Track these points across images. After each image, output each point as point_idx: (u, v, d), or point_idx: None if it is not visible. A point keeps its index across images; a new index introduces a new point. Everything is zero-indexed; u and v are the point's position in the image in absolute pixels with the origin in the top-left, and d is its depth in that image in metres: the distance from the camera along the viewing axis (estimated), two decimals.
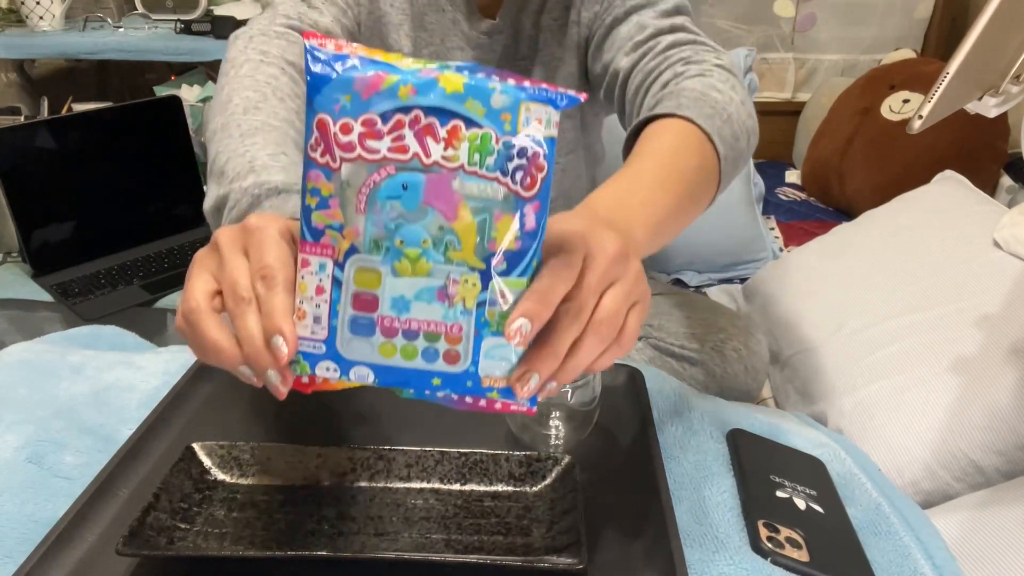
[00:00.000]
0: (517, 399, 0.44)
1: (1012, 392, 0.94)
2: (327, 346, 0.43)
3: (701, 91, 0.72)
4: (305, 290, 0.42)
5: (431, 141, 0.40)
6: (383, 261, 0.41)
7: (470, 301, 0.42)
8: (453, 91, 0.40)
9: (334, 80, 0.40)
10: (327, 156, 0.41)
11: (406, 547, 0.51)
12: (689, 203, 0.65)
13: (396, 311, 0.42)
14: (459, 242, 0.41)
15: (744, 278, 1.66)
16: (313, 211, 0.41)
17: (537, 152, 0.41)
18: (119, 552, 0.47)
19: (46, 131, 1.52)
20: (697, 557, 0.54)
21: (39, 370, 0.72)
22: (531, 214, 0.41)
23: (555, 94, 0.41)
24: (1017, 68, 0.68)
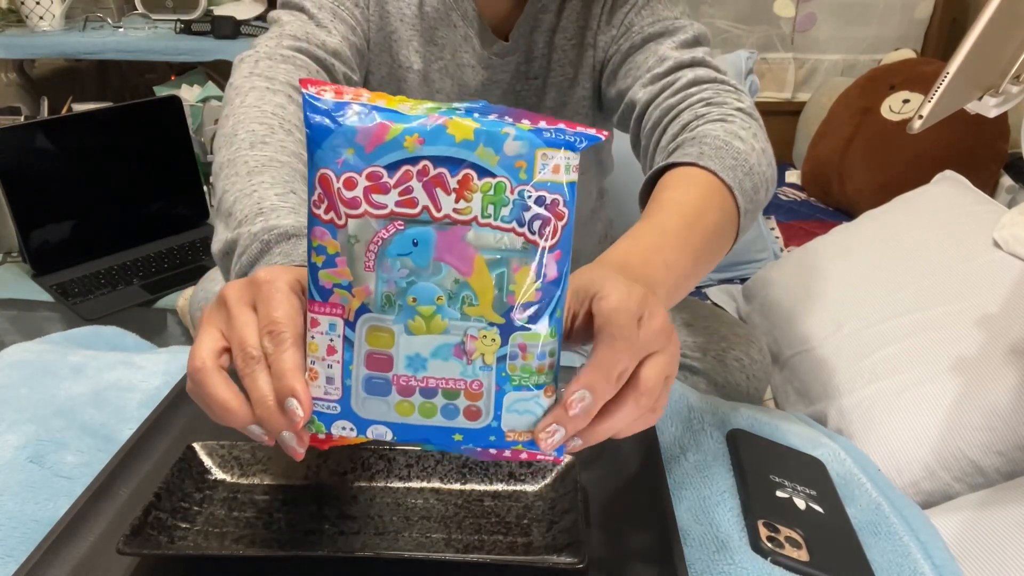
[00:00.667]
0: (540, 451, 0.42)
1: (1012, 392, 0.94)
2: (342, 406, 0.41)
3: (724, 139, 0.70)
4: (316, 350, 0.41)
5: (441, 193, 0.39)
6: (396, 320, 0.40)
7: (489, 357, 0.40)
8: (463, 139, 0.38)
9: (335, 132, 0.38)
10: (331, 213, 0.39)
11: (406, 546, 0.51)
12: (706, 264, 0.65)
13: (412, 370, 0.41)
14: (476, 297, 0.40)
15: (744, 278, 1.66)
16: (320, 270, 0.40)
17: (556, 200, 0.39)
18: (120, 551, 0.47)
19: (46, 131, 1.52)
20: (697, 557, 0.54)
21: (40, 370, 0.72)
22: (552, 263, 0.40)
23: (574, 136, 0.39)
24: (1017, 68, 0.68)
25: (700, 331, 1.00)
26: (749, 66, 1.86)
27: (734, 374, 0.97)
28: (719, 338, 0.99)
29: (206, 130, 1.91)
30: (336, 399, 0.41)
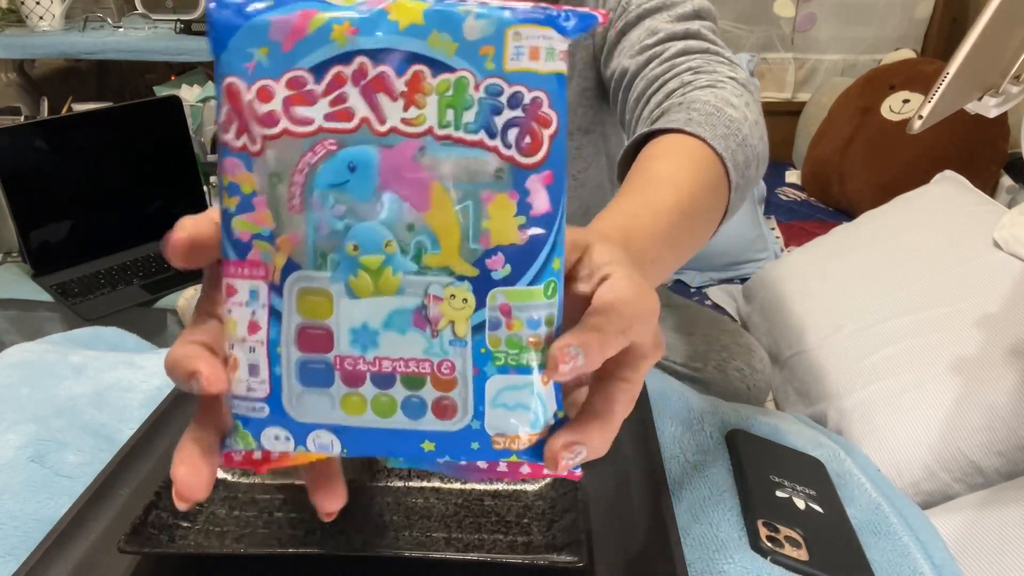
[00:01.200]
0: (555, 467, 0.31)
1: (1012, 393, 0.94)
2: (271, 406, 0.31)
3: (715, 105, 0.63)
4: (235, 328, 0.30)
5: (385, 99, 0.29)
6: (333, 277, 0.30)
7: (461, 326, 0.30)
8: (410, 24, 0.28)
9: (243, 28, 0.29)
10: (244, 137, 0.29)
11: (406, 546, 0.51)
12: (686, 257, 0.57)
13: (359, 347, 0.30)
14: (437, 240, 0.29)
15: (745, 278, 1.66)
16: (233, 216, 0.30)
17: (538, 98, 0.29)
18: (121, 550, 0.47)
19: (46, 131, 1.52)
20: (697, 557, 0.54)
21: (41, 370, 0.72)
22: (539, 189, 0.29)
23: (557, 12, 0.29)
24: (1017, 68, 0.68)
25: (701, 340, 1.00)
26: (750, 68, 1.86)
27: (735, 384, 0.96)
28: (720, 347, 0.99)
29: (206, 130, 1.91)
30: (263, 397, 0.31)
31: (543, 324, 0.30)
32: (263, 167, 0.29)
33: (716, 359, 0.97)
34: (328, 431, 0.31)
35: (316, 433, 0.31)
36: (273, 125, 0.29)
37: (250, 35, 0.29)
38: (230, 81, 0.29)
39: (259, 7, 0.29)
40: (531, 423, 0.31)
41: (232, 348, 0.31)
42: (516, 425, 0.31)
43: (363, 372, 0.30)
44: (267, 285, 0.30)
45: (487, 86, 0.29)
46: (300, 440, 0.31)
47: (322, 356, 0.30)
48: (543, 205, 0.29)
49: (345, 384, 0.30)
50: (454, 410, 0.30)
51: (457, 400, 0.30)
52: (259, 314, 0.30)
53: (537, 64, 0.29)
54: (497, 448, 0.31)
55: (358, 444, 0.31)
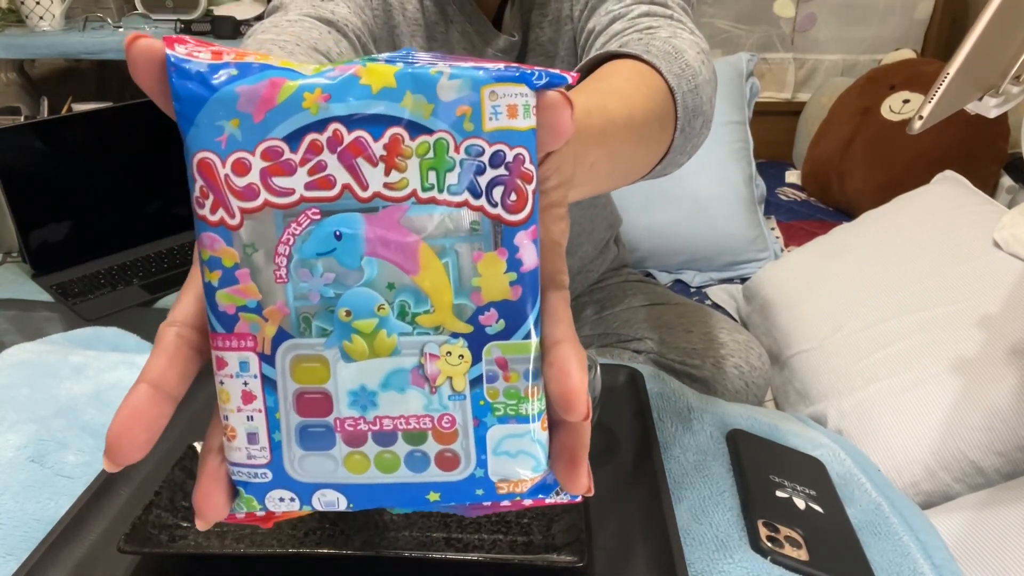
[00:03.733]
0: (552, 494, 0.33)
1: (1012, 393, 0.94)
2: (273, 471, 0.31)
3: (674, 46, 0.62)
4: (228, 400, 0.31)
5: (365, 164, 0.29)
6: (328, 344, 0.30)
7: (459, 381, 0.30)
8: (382, 87, 0.28)
9: (211, 100, 0.28)
10: (221, 211, 0.29)
11: (406, 546, 0.51)
12: (625, 174, 0.56)
13: (359, 409, 0.30)
14: (429, 301, 0.30)
15: (745, 278, 1.66)
16: (217, 290, 0.29)
17: (520, 155, 0.29)
18: (121, 550, 0.47)
19: (46, 131, 1.52)
20: (697, 556, 0.54)
21: (41, 370, 0.72)
22: (527, 245, 0.29)
23: (530, 71, 0.29)
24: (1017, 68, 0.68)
25: (699, 338, 1.00)
26: (750, 68, 1.86)
27: (733, 381, 0.96)
28: (718, 345, 0.99)
29: None
30: (265, 463, 0.31)
31: (539, 374, 0.31)
32: (243, 241, 0.29)
33: (714, 356, 0.97)
34: (333, 489, 0.31)
35: (321, 492, 0.31)
36: (254, 198, 0.29)
37: (219, 107, 0.28)
38: (203, 156, 0.28)
39: (223, 77, 0.28)
40: (533, 468, 0.31)
41: (227, 419, 0.31)
42: (519, 471, 0.31)
43: (364, 432, 0.31)
44: (257, 356, 0.30)
45: (467, 147, 0.29)
46: (305, 500, 0.31)
47: (322, 420, 0.30)
48: (531, 260, 0.30)
49: (347, 444, 0.31)
50: (457, 461, 0.31)
51: (459, 451, 0.31)
52: (251, 384, 0.30)
53: (515, 122, 0.29)
54: (501, 493, 0.32)
55: (364, 499, 0.32)
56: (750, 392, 0.98)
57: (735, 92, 1.83)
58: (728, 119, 1.80)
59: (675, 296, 1.18)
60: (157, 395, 0.31)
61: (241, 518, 0.32)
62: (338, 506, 0.32)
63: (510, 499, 0.32)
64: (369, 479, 0.31)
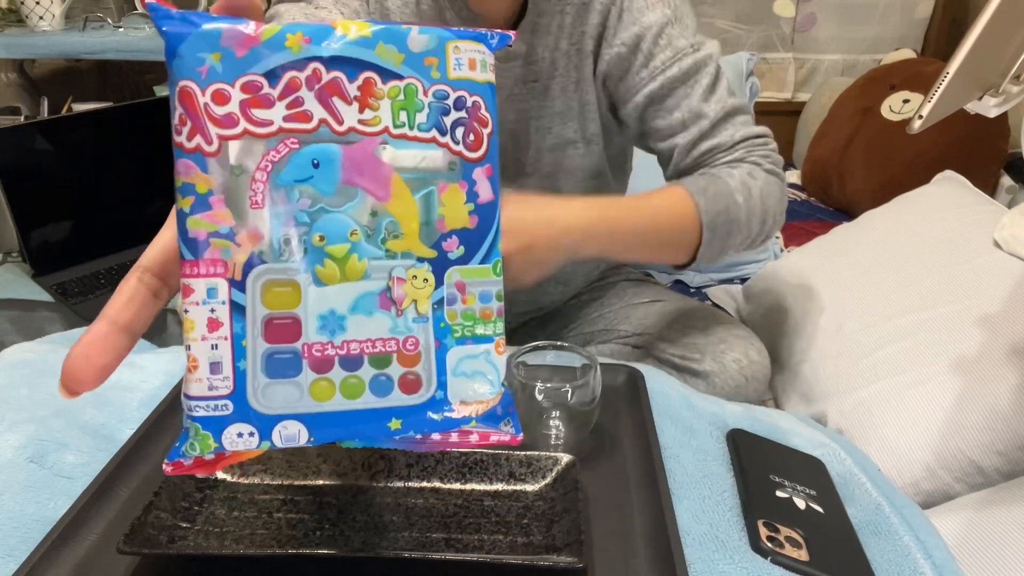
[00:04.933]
0: (500, 426, 0.34)
1: (1012, 392, 0.94)
2: (235, 402, 0.31)
3: (728, 185, 0.85)
4: (193, 328, 0.31)
5: (340, 102, 0.31)
6: (300, 268, 0.31)
7: (423, 303, 0.32)
8: (358, 36, 0.31)
9: (193, 35, 0.30)
10: (198, 137, 0.30)
11: (406, 546, 0.51)
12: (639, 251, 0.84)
13: (328, 333, 0.31)
14: (399, 226, 0.32)
15: (744, 278, 1.66)
16: (188, 216, 0.30)
17: (477, 102, 0.33)
18: (120, 550, 0.47)
19: (46, 131, 1.52)
20: (697, 557, 0.54)
21: (40, 370, 0.72)
22: (483, 180, 0.33)
23: (485, 32, 0.33)
24: (1017, 68, 0.68)
25: (699, 333, 1.00)
26: (750, 68, 1.86)
27: (734, 376, 0.96)
28: (718, 340, 0.99)
29: None
30: (226, 393, 0.31)
31: (493, 298, 0.34)
32: (220, 166, 0.30)
33: (713, 351, 0.98)
34: (296, 420, 0.31)
35: (283, 424, 0.31)
36: (233, 126, 0.30)
37: (201, 41, 0.30)
38: (183, 84, 0.30)
39: (206, 20, 0.30)
40: (488, 389, 0.34)
41: (190, 348, 0.31)
42: (475, 391, 0.33)
43: (332, 357, 0.31)
44: (227, 281, 0.31)
45: (435, 91, 0.32)
46: (265, 434, 0.31)
47: (290, 345, 0.31)
48: (487, 193, 0.33)
49: (314, 371, 0.31)
50: (419, 384, 0.33)
51: (422, 374, 0.33)
52: (219, 311, 0.31)
53: (475, 73, 0.33)
54: (458, 416, 0.33)
55: (325, 431, 0.32)
56: (750, 387, 0.98)
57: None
58: None
59: (674, 294, 1.18)
60: (112, 329, 0.32)
61: (188, 465, 0.32)
62: (298, 440, 0.32)
63: (466, 423, 0.33)
64: (333, 406, 0.32)
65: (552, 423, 0.64)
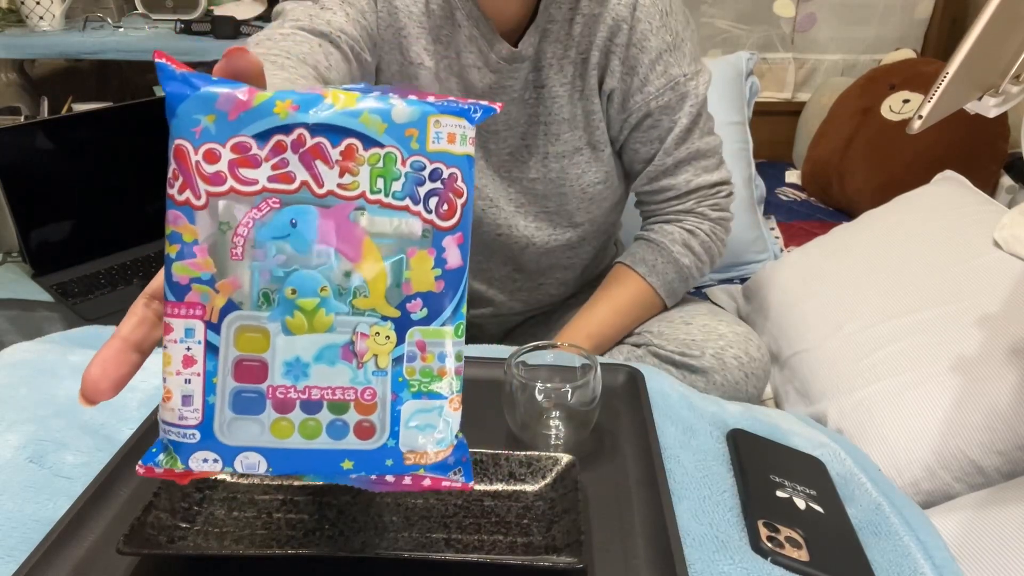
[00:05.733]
0: (450, 474, 0.37)
1: (1012, 392, 0.94)
2: (202, 432, 0.34)
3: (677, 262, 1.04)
4: (169, 363, 0.34)
5: (322, 166, 0.33)
6: (271, 317, 0.34)
7: (383, 358, 0.35)
8: (344, 106, 0.33)
9: (192, 97, 0.33)
10: (187, 192, 0.33)
11: (406, 546, 0.51)
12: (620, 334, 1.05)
13: (291, 378, 0.34)
14: (367, 287, 0.34)
15: (744, 278, 1.66)
16: (174, 262, 0.33)
17: (454, 174, 0.35)
18: (120, 551, 0.47)
19: (46, 131, 1.52)
20: (697, 557, 0.54)
21: (40, 370, 0.72)
22: (453, 248, 0.35)
23: (468, 106, 0.35)
24: (1017, 68, 0.68)
25: (698, 329, 1.00)
26: (749, 67, 1.86)
27: (733, 372, 0.97)
28: (717, 336, 0.99)
29: None
30: (195, 424, 0.34)
31: (451, 358, 0.36)
32: (206, 220, 0.33)
33: (713, 347, 0.98)
34: (256, 452, 0.35)
35: (244, 455, 0.35)
36: (221, 184, 0.33)
37: (198, 103, 0.33)
38: (178, 143, 0.33)
39: (208, 81, 0.33)
40: (438, 441, 0.36)
41: (165, 380, 0.34)
42: (425, 443, 0.36)
43: (294, 400, 0.35)
44: (204, 323, 0.34)
45: (412, 162, 0.34)
46: (228, 462, 0.35)
47: (256, 386, 0.34)
48: (456, 260, 0.35)
49: (276, 411, 0.35)
50: (373, 431, 0.35)
51: (376, 422, 0.35)
52: (194, 350, 0.34)
53: (453, 147, 0.35)
54: (408, 463, 0.36)
55: (283, 464, 0.35)
56: (750, 383, 0.98)
57: (734, 92, 1.83)
58: (727, 120, 1.80)
59: None
60: (125, 346, 0.36)
61: (159, 473, 0.36)
62: (258, 469, 0.35)
63: (415, 471, 0.36)
64: (291, 444, 0.35)
65: (552, 423, 0.64)
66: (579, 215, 1.05)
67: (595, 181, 1.02)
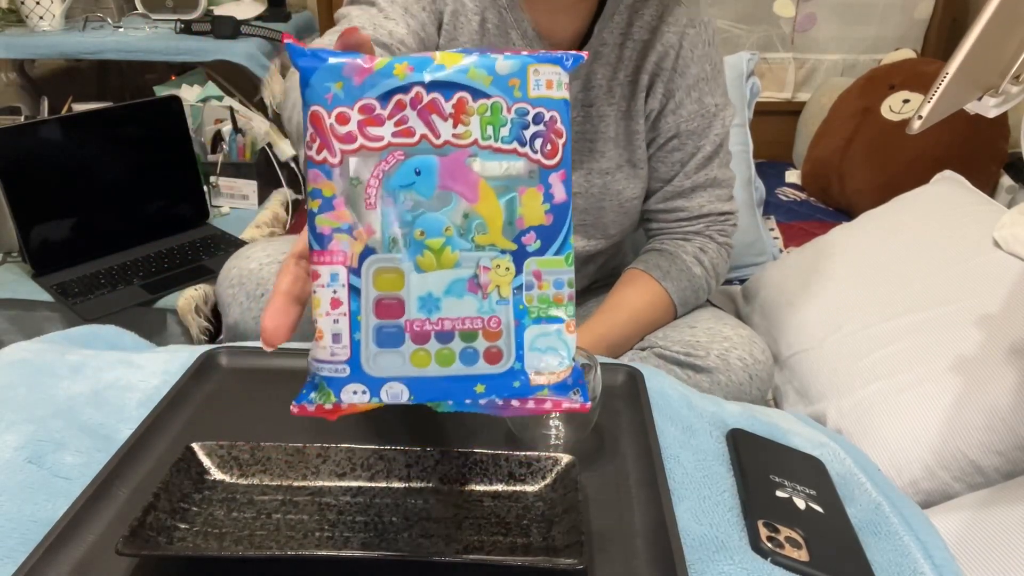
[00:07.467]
0: (569, 395, 0.40)
1: (1011, 392, 0.94)
2: (351, 366, 0.39)
3: (690, 272, 1.05)
4: (319, 305, 0.38)
5: (438, 119, 0.38)
6: (404, 258, 0.38)
7: (505, 288, 0.39)
8: (454, 65, 0.38)
9: (321, 68, 0.37)
10: (325, 152, 0.38)
11: (406, 547, 0.51)
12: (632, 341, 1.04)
13: (426, 312, 0.39)
14: (485, 224, 0.39)
15: (744, 279, 1.66)
16: (317, 215, 0.38)
17: (554, 116, 0.39)
18: (119, 552, 0.47)
19: (46, 131, 1.52)
20: (697, 557, 0.54)
21: (38, 370, 0.72)
22: (558, 184, 0.39)
23: (561, 55, 0.39)
24: (1017, 68, 0.68)
25: (702, 332, 1.01)
26: (750, 68, 1.85)
27: (737, 374, 0.97)
28: (722, 338, 0.99)
29: (206, 130, 1.91)
30: (344, 359, 0.39)
31: (565, 285, 0.40)
32: (342, 175, 0.38)
33: (718, 349, 0.98)
34: (399, 382, 0.39)
35: (389, 385, 0.39)
36: (352, 142, 0.37)
37: (327, 73, 0.37)
38: (314, 109, 0.37)
39: (336, 55, 0.37)
40: (559, 362, 0.40)
41: (317, 322, 0.38)
42: (548, 363, 0.40)
43: (429, 331, 0.39)
44: (346, 269, 0.38)
45: (516, 108, 0.38)
46: (375, 392, 0.39)
47: (395, 321, 0.39)
48: (561, 195, 0.39)
49: (414, 342, 0.39)
50: (500, 355, 0.39)
51: (503, 347, 0.39)
52: (340, 292, 0.38)
53: (552, 92, 0.39)
54: (534, 384, 0.40)
55: (423, 391, 0.39)
56: (753, 385, 0.98)
57: (735, 93, 1.83)
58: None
59: None
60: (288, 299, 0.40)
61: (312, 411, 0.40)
62: (402, 397, 0.39)
63: (539, 391, 0.39)
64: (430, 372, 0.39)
65: (552, 423, 0.64)
66: (613, 227, 1.09)
67: (632, 196, 1.07)
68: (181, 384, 0.69)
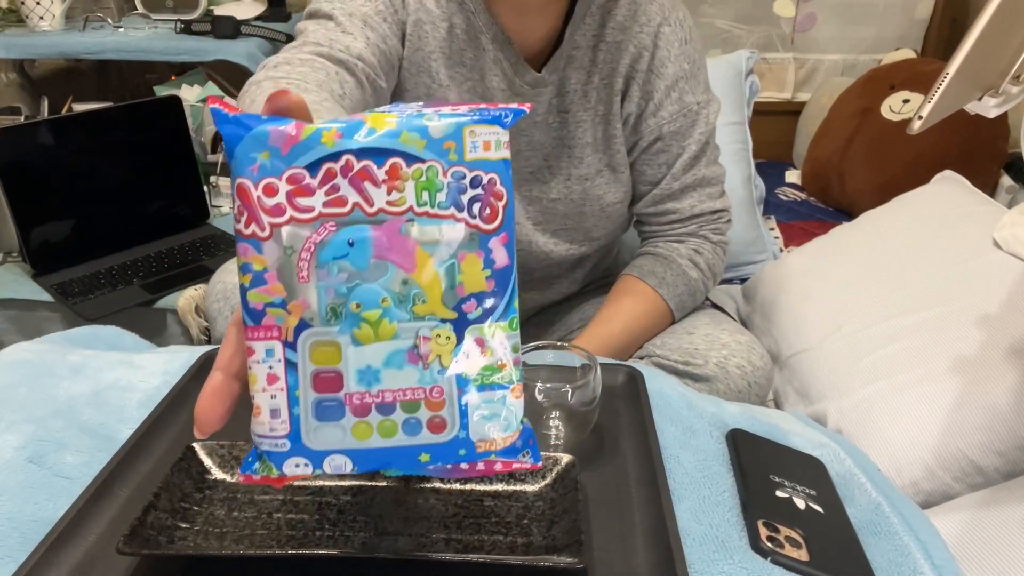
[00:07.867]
0: (519, 456, 0.39)
1: (1011, 392, 0.94)
2: (291, 440, 0.38)
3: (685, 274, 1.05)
4: (256, 382, 0.37)
5: (370, 187, 0.36)
6: (341, 331, 0.37)
7: (446, 357, 0.38)
8: (384, 128, 0.36)
9: (247, 138, 0.36)
10: (253, 225, 0.36)
11: (406, 546, 0.51)
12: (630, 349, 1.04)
13: (365, 384, 0.37)
14: (424, 294, 0.37)
15: (744, 278, 1.66)
16: (248, 290, 0.37)
17: (493, 179, 0.37)
18: (119, 551, 0.47)
19: (46, 131, 1.52)
20: (697, 557, 0.54)
21: (39, 370, 0.72)
22: (499, 248, 0.38)
23: (499, 111, 0.37)
24: (1017, 68, 0.68)
25: (701, 339, 1.00)
26: (749, 66, 1.86)
27: (736, 381, 0.97)
28: (720, 345, 0.99)
29: (206, 130, 1.91)
30: (284, 434, 0.37)
31: (510, 351, 0.39)
32: (273, 248, 0.36)
33: (717, 356, 0.98)
34: (341, 455, 0.38)
35: (331, 457, 0.38)
36: (281, 215, 0.36)
37: (252, 143, 0.36)
38: (240, 182, 0.36)
39: (259, 120, 0.36)
40: (505, 428, 0.39)
41: (254, 398, 0.37)
42: (493, 431, 0.38)
43: (369, 404, 0.37)
44: (281, 343, 0.37)
45: (453, 172, 0.37)
46: (317, 464, 0.38)
47: (334, 395, 0.37)
48: (503, 259, 0.38)
49: (354, 415, 0.38)
50: (444, 425, 0.38)
51: (447, 417, 0.38)
52: (276, 368, 0.37)
53: (490, 153, 0.37)
54: (479, 451, 0.39)
55: (366, 462, 0.38)
56: (752, 392, 0.98)
57: (734, 92, 1.83)
58: (727, 120, 1.80)
59: None
60: (227, 377, 0.38)
61: (257, 480, 0.39)
62: (345, 468, 0.38)
63: (487, 457, 0.39)
64: (372, 444, 0.38)
65: (552, 423, 0.64)
66: (596, 231, 1.07)
67: (614, 201, 1.05)
68: (181, 384, 0.69)
